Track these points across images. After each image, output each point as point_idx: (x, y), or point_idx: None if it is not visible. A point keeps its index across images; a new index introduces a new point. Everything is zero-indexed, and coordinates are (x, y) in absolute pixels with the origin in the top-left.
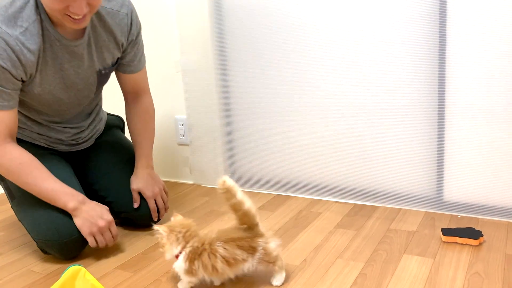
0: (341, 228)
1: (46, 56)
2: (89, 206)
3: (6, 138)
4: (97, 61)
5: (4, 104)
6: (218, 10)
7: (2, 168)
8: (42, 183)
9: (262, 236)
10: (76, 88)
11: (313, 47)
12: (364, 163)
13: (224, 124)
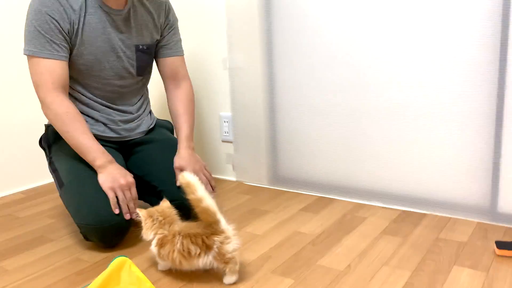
0: (387, 235)
1: (88, 16)
2: (115, 167)
3: (58, 88)
4: (135, 36)
5: (53, 53)
6: (268, 8)
7: (51, 115)
8: (79, 135)
9: (220, 234)
10: (115, 53)
11: (364, 47)
12: (413, 168)
13: (268, 122)
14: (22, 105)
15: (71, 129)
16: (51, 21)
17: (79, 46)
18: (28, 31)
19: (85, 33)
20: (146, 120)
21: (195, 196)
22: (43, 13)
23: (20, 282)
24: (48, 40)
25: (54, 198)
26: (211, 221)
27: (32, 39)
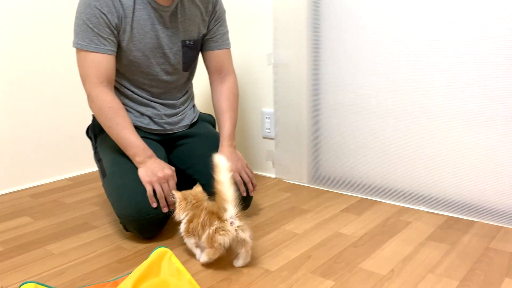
0: (433, 241)
1: (136, 12)
2: (154, 161)
3: (103, 82)
4: (182, 31)
5: (100, 47)
6: (316, 4)
7: (95, 108)
8: (121, 130)
9: (220, 222)
10: (161, 50)
11: (412, 47)
12: (461, 173)
13: (311, 120)
14: (71, 94)
15: (113, 124)
16: (100, 15)
17: (128, 43)
18: (77, 24)
19: (134, 30)
20: (189, 113)
21: (217, 177)
22: (92, 6)
23: (65, 266)
24: (96, 34)
25: (98, 186)
26: (221, 206)
27: (80, 32)
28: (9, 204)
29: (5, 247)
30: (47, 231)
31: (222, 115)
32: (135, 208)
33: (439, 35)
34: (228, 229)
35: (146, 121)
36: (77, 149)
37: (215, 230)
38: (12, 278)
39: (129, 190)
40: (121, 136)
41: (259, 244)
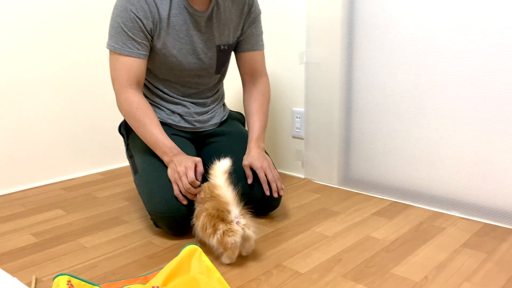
0: (469, 248)
1: (171, 17)
2: (178, 157)
3: (132, 84)
4: (217, 36)
5: (133, 51)
6: (351, 3)
7: (123, 109)
8: (149, 130)
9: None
10: (196, 56)
11: (450, 49)
12: (498, 178)
13: (343, 121)
14: (105, 90)
15: (141, 124)
16: (135, 19)
17: (162, 47)
18: (112, 26)
19: (169, 35)
20: (219, 112)
21: (213, 182)
22: (128, 10)
23: (96, 260)
24: (130, 38)
25: (129, 181)
26: (223, 209)
27: (115, 34)
28: (43, 197)
29: (39, 238)
30: (80, 224)
31: (252, 117)
32: (166, 205)
33: (481, 35)
34: (235, 229)
35: (177, 118)
36: (109, 144)
37: (223, 233)
38: (46, 270)
39: (160, 187)
40: (149, 136)
41: (289, 245)
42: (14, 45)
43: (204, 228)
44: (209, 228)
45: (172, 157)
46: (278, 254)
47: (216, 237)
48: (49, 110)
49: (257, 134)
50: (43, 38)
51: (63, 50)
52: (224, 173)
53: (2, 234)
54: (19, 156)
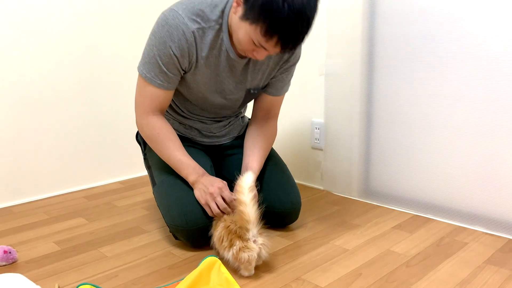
0: (493, 265)
1: (209, 58)
2: (206, 179)
3: (155, 111)
4: (250, 81)
5: (164, 84)
6: (372, 14)
7: (144, 134)
8: (171, 153)
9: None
10: (223, 96)
11: (474, 60)
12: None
13: (363, 132)
14: (127, 99)
15: (163, 148)
16: (172, 56)
17: (191, 82)
18: (148, 54)
19: (203, 74)
20: (237, 124)
21: (239, 197)
22: (167, 46)
23: (117, 269)
24: (163, 71)
25: (149, 191)
26: (243, 226)
27: (148, 63)
28: (65, 205)
29: (62, 247)
30: (101, 233)
31: (253, 149)
32: (184, 219)
33: (503, 46)
34: (252, 247)
35: (194, 133)
36: (129, 154)
37: (239, 249)
38: (69, 279)
39: (178, 200)
40: (172, 158)
41: (308, 259)
42: (39, 54)
43: (221, 240)
44: (226, 241)
45: (198, 178)
46: (298, 267)
47: (232, 252)
48: (71, 120)
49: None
50: (68, 47)
51: (86, 60)
52: (251, 190)
53: (26, 242)
54: (42, 164)
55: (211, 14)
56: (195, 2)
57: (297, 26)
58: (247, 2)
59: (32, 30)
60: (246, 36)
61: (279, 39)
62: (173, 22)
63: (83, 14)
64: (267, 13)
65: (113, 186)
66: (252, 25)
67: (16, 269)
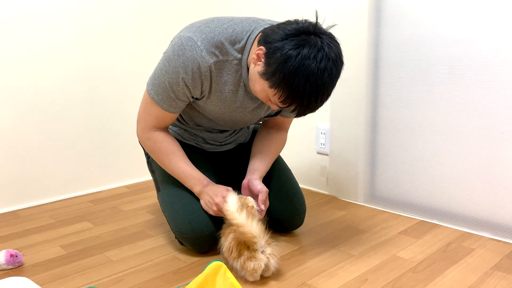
0: (500, 271)
1: (224, 92)
2: (210, 188)
3: (158, 128)
4: (265, 111)
5: (171, 110)
6: (377, 19)
7: (146, 147)
8: (174, 166)
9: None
10: (235, 122)
11: (479, 66)
12: None
13: (369, 137)
14: (132, 105)
15: (166, 162)
16: (184, 86)
17: (203, 108)
18: (158, 76)
19: (215, 106)
20: (243, 131)
21: (234, 222)
22: (180, 78)
23: (123, 273)
24: (171, 97)
25: (154, 195)
26: (249, 241)
27: (158, 86)
28: (71, 209)
29: (68, 251)
30: (106, 237)
31: (263, 153)
32: (189, 226)
33: (506, 53)
34: (260, 257)
35: (199, 139)
36: (135, 158)
37: (247, 258)
38: (74, 283)
39: (183, 207)
40: (176, 171)
41: (314, 264)
42: (47, 60)
43: (230, 251)
44: (235, 252)
45: (203, 188)
46: (303, 272)
47: (240, 262)
48: (77, 124)
49: (261, 173)
50: (74, 51)
51: (92, 65)
52: (240, 209)
53: (33, 245)
54: (48, 169)
55: (230, 48)
56: (215, 32)
57: (316, 101)
58: (269, 65)
59: (40, 37)
60: (263, 92)
61: (296, 107)
62: (189, 54)
63: (90, 20)
64: (288, 85)
65: (118, 190)
66: (271, 89)
67: (22, 272)
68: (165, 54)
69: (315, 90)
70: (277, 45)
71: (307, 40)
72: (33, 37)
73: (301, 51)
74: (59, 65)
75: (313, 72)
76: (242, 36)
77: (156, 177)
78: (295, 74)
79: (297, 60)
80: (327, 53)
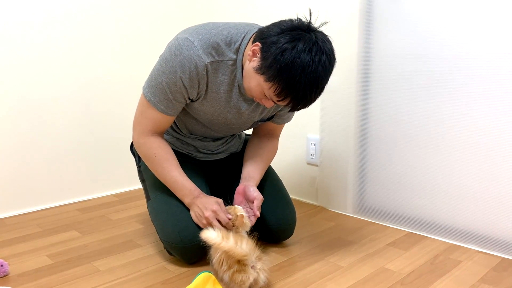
0: (486, 284)
1: (220, 93)
2: (200, 200)
3: (154, 133)
4: (259, 114)
5: (168, 112)
6: (368, 32)
7: (141, 153)
8: (167, 174)
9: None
10: (229, 126)
11: (468, 80)
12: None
13: (358, 149)
14: (122, 113)
15: (159, 169)
16: (181, 86)
17: (198, 111)
18: (155, 78)
19: (210, 106)
20: (235, 140)
21: (222, 249)
22: (177, 77)
23: (110, 284)
24: (168, 98)
25: (144, 205)
26: (242, 260)
27: (155, 87)
28: (58, 218)
29: (55, 260)
30: (94, 247)
31: (256, 159)
32: (178, 236)
33: (499, 67)
34: (249, 272)
35: (191, 148)
36: (124, 166)
37: (236, 271)
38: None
39: (173, 217)
40: (168, 179)
41: (303, 275)
42: (34, 66)
43: (220, 264)
44: (225, 265)
45: (193, 199)
46: (292, 284)
47: (229, 274)
48: (66, 132)
49: (257, 179)
50: (65, 58)
51: (82, 73)
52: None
53: (19, 255)
54: (36, 176)
55: (226, 49)
56: (211, 33)
57: (310, 94)
58: (265, 59)
59: (35, 48)
60: (258, 87)
61: (291, 101)
62: (187, 53)
63: (84, 29)
64: (284, 77)
65: (107, 199)
66: (267, 82)
67: (8, 282)
68: (162, 56)
69: (310, 82)
70: (272, 39)
71: (302, 35)
72: (30, 50)
73: (297, 45)
74: (49, 74)
75: (308, 64)
76: (237, 38)
77: (147, 186)
78: (291, 66)
79: (293, 53)
80: (321, 47)
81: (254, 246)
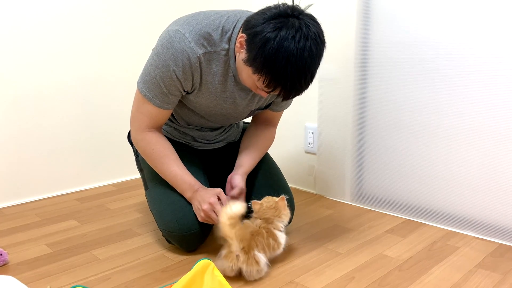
0: (483, 269)
1: (215, 84)
2: (200, 193)
3: (151, 128)
4: (256, 103)
5: (164, 106)
6: (366, 20)
7: (140, 149)
8: (167, 169)
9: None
10: (226, 116)
11: (464, 67)
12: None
13: (356, 137)
14: (120, 103)
15: (158, 164)
16: (175, 79)
17: (194, 103)
18: (149, 72)
19: (206, 98)
20: (233, 130)
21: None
22: (171, 70)
23: (110, 272)
24: (163, 92)
25: (142, 194)
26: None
27: (149, 83)
28: (57, 207)
29: (54, 249)
30: (93, 236)
31: (249, 148)
32: (177, 224)
33: (495, 54)
34: (233, 258)
35: (188, 138)
36: (122, 156)
37: (225, 256)
38: (60, 281)
39: (171, 206)
40: (168, 174)
41: (301, 262)
42: (32, 58)
43: None
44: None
45: (194, 193)
46: (291, 270)
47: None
48: (64, 122)
49: (248, 168)
50: (63, 50)
51: (80, 64)
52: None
53: (18, 244)
54: (35, 166)
55: (218, 39)
56: (202, 24)
57: (300, 82)
58: (250, 51)
59: (31, 35)
60: (249, 79)
61: (282, 90)
62: (178, 46)
63: (80, 23)
64: (270, 68)
65: (105, 188)
66: (255, 74)
67: (7, 271)
68: (154, 50)
69: (298, 70)
70: (257, 29)
71: (285, 22)
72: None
73: (279, 33)
74: (47, 65)
75: (292, 52)
76: (228, 27)
77: (145, 175)
78: (275, 57)
79: (276, 42)
80: (305, 33)
81: (245, 237)
